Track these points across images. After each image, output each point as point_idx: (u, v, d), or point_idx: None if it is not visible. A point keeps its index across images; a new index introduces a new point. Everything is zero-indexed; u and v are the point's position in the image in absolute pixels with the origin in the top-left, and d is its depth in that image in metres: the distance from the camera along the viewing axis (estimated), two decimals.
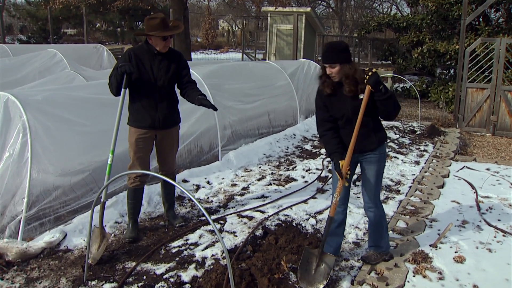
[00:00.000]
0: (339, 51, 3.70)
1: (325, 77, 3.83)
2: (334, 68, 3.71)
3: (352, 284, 3.90)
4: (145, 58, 4.46)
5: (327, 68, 3.76)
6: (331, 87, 3.82)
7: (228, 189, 6.05)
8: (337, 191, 3.86)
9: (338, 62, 3.69)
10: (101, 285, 3.78)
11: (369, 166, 4.00)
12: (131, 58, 4.44)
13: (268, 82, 9.20)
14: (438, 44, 14.47)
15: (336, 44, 3.79)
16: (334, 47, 3.73)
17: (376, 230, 4.21)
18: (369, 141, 3.91)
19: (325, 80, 3.83)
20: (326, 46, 3.79)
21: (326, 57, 3.73)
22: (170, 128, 4.68)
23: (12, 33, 39.31)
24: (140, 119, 4.47)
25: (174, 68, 4.55)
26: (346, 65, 3.71)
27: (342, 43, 3.82)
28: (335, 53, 3.69)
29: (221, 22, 55.69)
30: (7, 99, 4.76)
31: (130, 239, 4.57)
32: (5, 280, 3.86)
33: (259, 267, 3.94)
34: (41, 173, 4.67)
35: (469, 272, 4.11)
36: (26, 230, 4.46)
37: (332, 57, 3.69)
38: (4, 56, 12.03)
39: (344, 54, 3.71)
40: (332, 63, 3.70)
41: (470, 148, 9.16)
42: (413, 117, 12.44)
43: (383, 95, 3.65)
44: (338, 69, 3.70)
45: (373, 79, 3.58)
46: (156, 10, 21.43)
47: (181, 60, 4.65)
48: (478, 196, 6.04)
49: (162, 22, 4.35)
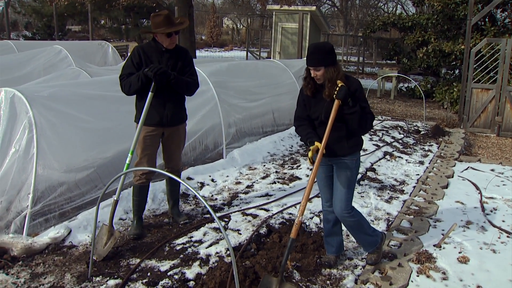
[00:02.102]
0: (324, 54, 3.60)
1: (309, 79, 3.76)
2: (319, 71, 3.62)
3: (356, 283, 3.90)
4: (153, 55, 4.48)
5: (311, 71, 3.67)
6: (312, 90, 3.78)
7: (233, 187, 6.05)
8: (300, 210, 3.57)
9: (323, 65, 3.60)
10: (106, 281, 3.80)
11: (339, 172, 3.87)
12: (140, 55, 4.47)
13: (273, 80, 9.21)
14: (444, 44, 14.45)
15: (321, 46, 3.67)
16: (319, 50, 3.62)
17: (360, 234, 4.06)
18: (340, 146, 3.81)
19: (308, 81, 3.77)
20: (311, 48, 3.66)
21: (311, 60, 3.64)
22: (177, 125, 4.70)
23: (17, 29, 39.46)
24: (148, 117, 4.44)
25: (180, 65, 4.57)
26: (331, 68, 3.61)
27: (327, 45, 3.69)
28: (320, 56, 3.60)
29: (225, 20, 55.73)
30: (13, 95, 4.78)
31: (135, 236, 4.59)
32: (10, 275, 3.88)
33: (263, 265, 3.95)
34: (46, 169, 4.69)
35: (473, 273, 4.10)
36: (31, 225, 4.47)
37: (317, 60, 3.60)
38: (9, 52, 12.09)
39: (329, 57, 3.61)
40: (317, 65, 3.61)
41: (475, 149, 9.15)
42: (418, 117, 12.43)
43: (349, 109, 3.59)
44: (322, 72, 3.62)
45: (342, 93, 3.53)
46: (161, 7, 21.45)
47: (187, 57, 4.65)
48: (483, 196, 6.03)
49: (166, 19, 4.37)
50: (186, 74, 4.60)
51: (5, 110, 4.76)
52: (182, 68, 4.58)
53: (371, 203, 5.66)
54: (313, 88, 3.77)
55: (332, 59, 3.62)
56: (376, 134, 9.32)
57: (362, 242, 4.13)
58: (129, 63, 4.52)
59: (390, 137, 9.21)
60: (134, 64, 4.49)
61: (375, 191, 6.11)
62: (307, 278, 3.93)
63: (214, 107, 7.03)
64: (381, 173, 6.89)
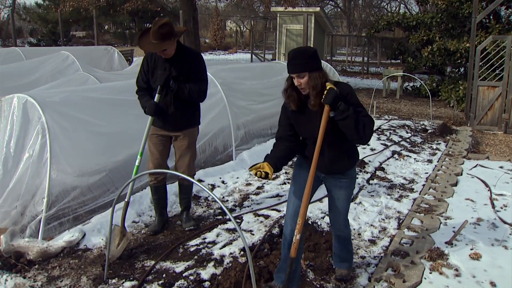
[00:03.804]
0: (307, 58, 3.17)
1: (291, 89, 3.29)
2: (302, 78, 3.16)
3: (369, 281, 3.93)
4: (159, 61, 4.48)
5: (294, 79, 3.21)
6: (297, 102, 3.30)
7: (243, 189, 6.09)
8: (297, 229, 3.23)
9: (307, 71, 3.15)
10: (122, 283, 3.84)
11: (339, 191, 3.57)
12: (148, 62, 4.53)
13: (280, 82, 9.15)
14: (448, 43, 14.46)
15: (303, 49, 3.27)
16: (301, 54, 3.19)
17: (347, 248, 3.91)
18: (341, 164, 3.48)
19: (290, 93, 3.30)
20: (292, 53, 3.22)
21: (292, 66, 3.18)
22: (181, 130, 4.65)
23: (22, 36, 39.70)
24: (154, 120, 4.52)
25: (186, 71, 4.50)
26: (315, 73, 3.17)
27: (310, 49, 3.29)
28: (303, 60, 3.16)
29: (229, 23, 55.84)
30: (26, 101, 4.84)
31: (151, 233, 4.74)
32: (27, 278, 3.93)
33: (277, 265, 3.98)
34: (60, 173, 4.74)
35: (486, 269, 4.11)
36: (46, 229, 4.53)
37: (300, 65, 3.15)
38: (17, 59, 12.19)
39: (313, 61, 3.18)
40: (300, 71, 3.15)
41: (482, 146, 9.15)
42: (424, 115, 12.43)
43: (341, 114, 3.13)
44: (307, 79, 3.16)
45: (331, 96, 3.09)
46: (165, 11, 21.55)
47: (193, 63, 4.53)
48: (492, 194, 6.04)
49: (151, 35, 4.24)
50: (192, 81, 4.51)
51: (18, 116, 4.82)
52: (188, 74, 4.50)
53: (382, 202, 5.69)
54: (298, 101, 3.29)
55: (316, 64, 3.20)
56: (383, 134, 9.35)
57: (345, 256, 3.94)
58: (140, 74, 4.61)
59: (397, 136, 9.22)
60: (144, 72, 4.57)
61: (385, 190, 6.14)
62: (320, 277, 3.96)
63: (223, 109, 7.08)
64: (390, 172, 6.91)
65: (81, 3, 17.55)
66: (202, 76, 4.60)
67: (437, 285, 3.84)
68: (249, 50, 31.74)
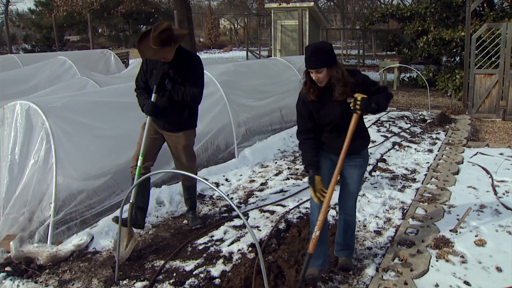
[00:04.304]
0: (324, 54, 3.35)
1: (310, 82, 3.49)
2: (321, 73, 3.37)
3: (377, 271, 3.98)
4: (158, 63, 4.43)
5: (312, 74, 3.41)
6: (316, 94, 3.50)
7: (247, 185, 6.14)
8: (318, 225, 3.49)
9: (325, 66, 3.35)
10: (133, 283, 3.88)
11: (353, 170, 3.74)
12: (147, 63, 4.51)
13: (278, 78, 9.29)
14: (443, 32, 14.51)
15: (320, 46, 3.41)
16: (319, 50, 3.36)
17: (352, 235, 4.03)
18: (357, 145, 3.65)
19: (310, 86, 3.50)
20: (309, 49, 3.38)
21: (311, 62, 3.37)
22: (177, 131, 4.60)
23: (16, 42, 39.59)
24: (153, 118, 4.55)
25: (183, 74, 4.43)
26: (334, 67, 3.37)
27: (326, 44, 3.44)
28: (321, 56, 3.34)
29: (222, 21, 55.76)
30: (29, 107, 4.87)
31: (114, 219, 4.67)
32: (39, 283, 3.97)
33: (285, 259, 4.03)
34: (65, 178, 4.78)
35: (491, 255, 4.17)
36: (54, 234, 4.56)
37: (318, 61, 3.34)
38: (14, 65, 12.19)
39: (330, 56, 3.37)
40: (319, 67, 3.35)
41: (482, 134, 9.20)
42: (422, 106, 12.48)
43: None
44: (325, 73, 3.37)
45: (364, 107, 3.35)
46: (159, 12, 21.53)
47: (191, 67, 4.46)
48: (494, 180, 6.09)
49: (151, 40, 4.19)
50: (187, 85, 4.43)
51: (21, 123, 4.85)
52: (183, 79, 4.43)
53: (385, 193, 5.74)
54: (317, 91, 3.50)
55: (333, 58, 3.38)
56: (383, 125, 9.38)
57: (349, 243, 4.04)
58: (140, 74, 4.60)
59: (397, 128, 9.27)
60: (143, 72, 4.55)
61: (387, 181, 6.19)
62: (329, 269, 4.00)
63: (224, 107, 7.12)
64: (391, 163, 6.96)
65: (74, 8, 17.54)
66: (198, 81, 4.50)
67: (444, 273, 3.90)
68: (244, 47, 31.77)
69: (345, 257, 4.05)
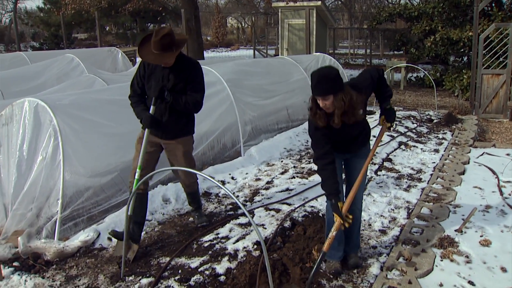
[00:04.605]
0: (331, 81, 3.31)
1: (316, 108, 3.48)
2: (327, 100, 3.35)
3: (381, 270, 3.99)
4: (157, 68, 4.36)
5: (319, 101, 3.39)
6: (324, 119, 3.49)
7: (253, 184, 6.16)
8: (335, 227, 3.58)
9: (332, 93, 3.32)
10: (139, 280, 3.91)
11: (360, 160, 3.84)
12: (145, 68, 4.40)
13: (284, 77, 9.31)
14: (451, 32, 14.45)
15: (326, 73, 3.35)
16: (325, 77, 3.32)
17: (358, 231, 4.13)
18: (364, 140, 3.87)
19: (316, 112, 3.48)
20: (316, 77, 3.35)
21: (318, 90, 3.35)
22: (174, 138, 4.54)
23: (25, 40, 39.82)
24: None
25: (183, 81, 4.37)
26: (339, 95, 3.35)
27: (333, 71, 3.37)
28: (327, 84, 3.31)
29: (229, 19, 55.80)
30: (37, 104, 4.91)
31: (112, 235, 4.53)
32: (46, 278, 4.02)
33: (290, 257, 4.06)
34: (73, 174, 4.82)
35: (496, 255, 4.17)
36: (61, 230, 4.61)
37: (325, 89, 3.32)
38: (22, 63, 12.28)
39: (337, 83, 3.33)
40: (325, 95, 3.33)
41: (488, 134, 9.18)
42: (429, 106, 12.45)
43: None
44: (332, 100, 3.34)
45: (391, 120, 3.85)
46: (167, 10, 21.58)
47: (191, 74, 4.41)
48: (500, 181, 6.09)
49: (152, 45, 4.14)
50: (188, 92, 4.39)
51: (30, 120, 4.90)
52: (184, 84, 4.38)
53: (390, 192, 5.74)
54: (324, 116, 3.49)
55: (339, 85, 3.35)
56: None
57: (356, 239, 4.12)
58: (135, 78, 4.47)
59: (403, 127, 9.26)
60: (140, 77, 4.43)
61: (393, 180, 6.19)
62: (334, 267, 4.01)
63: (230, 106, 7.14)
64: (397, 163, 6.96)
65: (82, 6, 17.61)
66: (199, 87, 4.45)
67: (449, 272, 3.91)
68: (251, 46, 31.78)
69: (353, 254, 4.12)
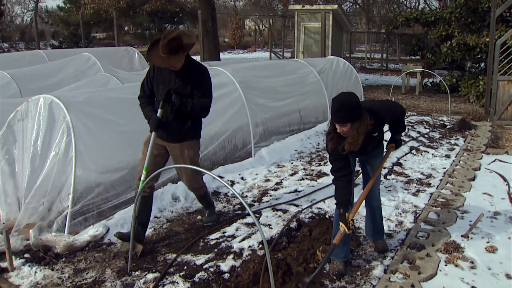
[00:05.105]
0: (350, 110, 3.55)
1: (333, 133, 3.75)
2: (345, 127, 3.61)
3: (385, 272, 4.01)
4: (165, 72, 4.41)
5: (337, 126, 3.66)
6: (335, 141, 3.76)
7: (262, 184, 6.21)
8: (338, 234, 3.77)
9: (350, 122, 3.58)
10: (144, 275, 3.99)
11: (374, 159, 4.20)
12: (155, 70, 4.46)
13: (298, 79, 9.33)
14: (468, 38, 14.35)
15: (346, 101, 3.58)
16: (345, 107, 3.55)
17: (380, 218, 4.45)
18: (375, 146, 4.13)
19: (333, 136, 3.76)
20: (336, 105, 3.58)
21: (337, 117, 3.60)
22: (180, 142, 4.55)
23: (44, 38, 40.38)
24: None
25: (190, 85, 4.39)
26: (356, 123, 3.60)
27: (353, 99, 3.60)
28: (347, 113, 3.55)
29: (247, 21, 55.95)
30: (51, 101, 5.02)
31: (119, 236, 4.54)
32: (55, 270, 4.11)
33: (294, 257, 4.10)
34: (84, 170, 4.92)
35: (501, 262, 4.17)
36: (71, 224, 4.71)
37: (344, 118, 3.57)
38: (41, 61, 12.47)
39: (355, 112, 3.57)
40: (344, 123, 3.59)
41: (502, 142, 9.11)
42: (443, 111, 12.39)
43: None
44: (349, 127, 3.60)
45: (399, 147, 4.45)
46: (184, 12, 21.74)
47: (197, 80, 4.42)
48: (510, 188, 6.05)
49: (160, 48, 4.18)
50: (196, 96, 4.41)
51: (44, 116, 5.01)
52: (191, 89, 4.40)
53: (398, 196, 5.75)
54: (336, 139, 3.75)
55: (358, 114, 3.59)
56: None
57: (379, 226, 4.45)
58: (145, 79, 4.54)
59: (415, 132, 9.24)
60: (149, 78, 4.50)
61: (402, 185, 6.20)
62: (337, 269, 4.04)
63: (242, 107, 7.20)
64: (407, 168, 6.95)
65: (101, 5, 17.83)
66: (206, 92, 4.47)
67: (452, 277, 3.92)
68: (268, 48, 31.84)
69: (381, 241, 4.45)
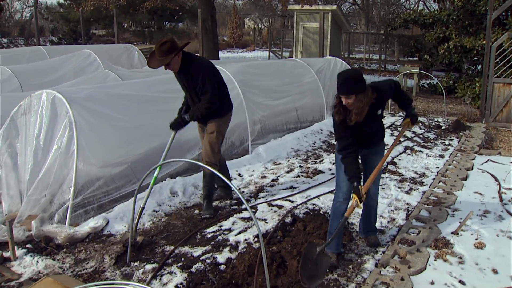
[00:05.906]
0: (354, 82, 3.78)
1: (339, 106, 3.93)
2: (350, 99, 3.79)
3: (376, 266, 4.15)
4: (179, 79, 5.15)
5: (342, 99, 3.86)
6: (342, 114, 3.94)
7: (258, 181, 6.34)
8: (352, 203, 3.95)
9: (355, 93, 3.78)
10: (143, 265, 4.12)
11: (376, 157, 4.32)
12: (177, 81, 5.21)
13: (295, 79, 9.47)
14: (465, 40, 14.48)
15: (351, 75, 3.85)
16: (350, 79, 3.79)
17: (375, 217, 4.61)
18: (380, 136, 4.38)
19: (339, 109, 3.94)
20: (342, 78, 3.83)
21: (343, 89, 3.82)
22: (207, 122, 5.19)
23: (44, 35, 40.36)
24: None
25: (193, 84, 4.97)
26: (360, 95, 3.80)
27: (357, 73, 3.87)
28: (352, 85, 3.78)
29: (247, 20, 56.00)
30: (54, 96, 5.15)
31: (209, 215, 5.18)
32: (56, 260, 4.24)
33: (288, 250, 4.23)
34: (85, 164, 5.05)
35: (489, 257, 4.30)
36: (72, 216, 4.84)
37: (349, 89, 3.78)
38: (41, 57, 12.59)
39: (359, 84, 3.79)
40: (349, 94, 3.79)
41: (496, 143, 9.25)
42: (439, 112, 12.52)
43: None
44: (354, 99, 3.78)
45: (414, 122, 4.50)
46: (184, 10, 21.83)
47: (197, 77, 4.93)
48: (501, 188, 6.18)
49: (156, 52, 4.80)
50: (199, 93, 4.96)
51: (47, 110, 5.14)
52: (194, 87, 4.98)
53: (392, 194, 5.89)
54: (342, 113, 3.94)
55: (362, 86, 3.81)
56: (397, 129, 9.50)
57: (373, 225, 4.62)
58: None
59: (410, 132, 9.35)
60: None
61: (395, 183, 6.33)
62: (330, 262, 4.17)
63: (240, 105, 7.32)
64: (401, 167, 7.09)
65: (101, 2, 17.93)
66: (205, 88, 4.94)
67: (441, 271, 4.05)
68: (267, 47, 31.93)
69: (373, 236, 4.62)
